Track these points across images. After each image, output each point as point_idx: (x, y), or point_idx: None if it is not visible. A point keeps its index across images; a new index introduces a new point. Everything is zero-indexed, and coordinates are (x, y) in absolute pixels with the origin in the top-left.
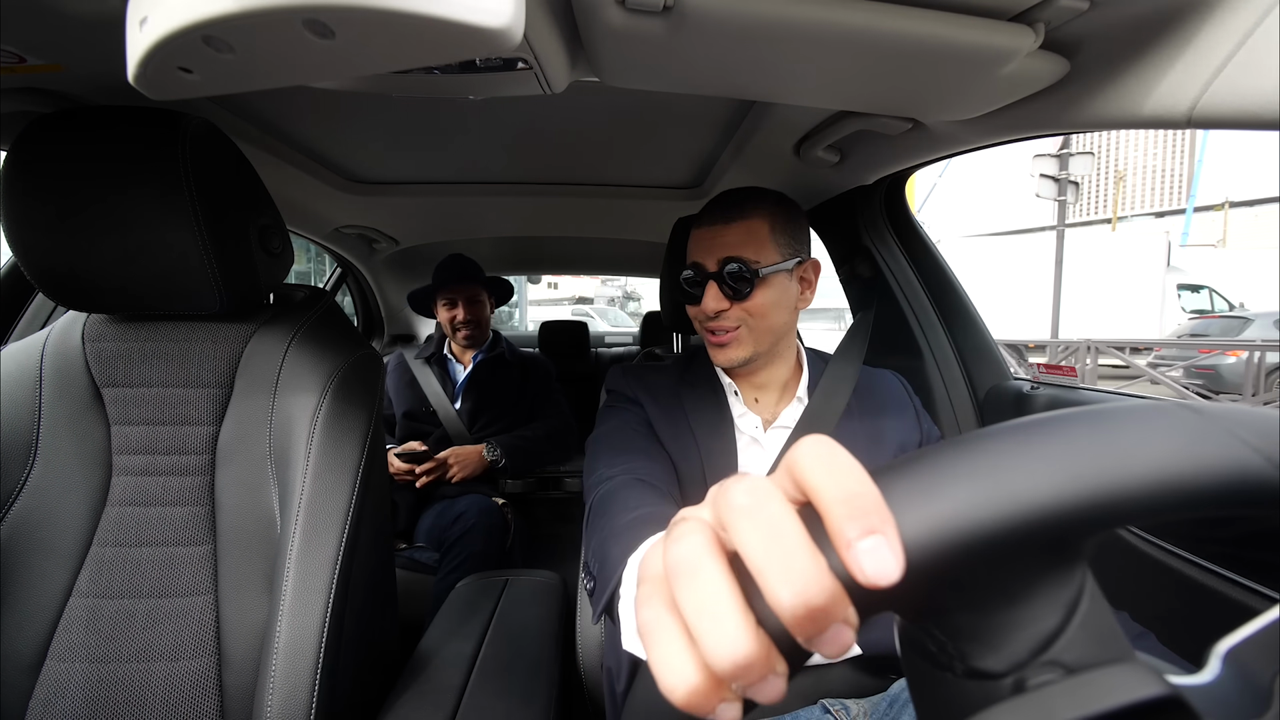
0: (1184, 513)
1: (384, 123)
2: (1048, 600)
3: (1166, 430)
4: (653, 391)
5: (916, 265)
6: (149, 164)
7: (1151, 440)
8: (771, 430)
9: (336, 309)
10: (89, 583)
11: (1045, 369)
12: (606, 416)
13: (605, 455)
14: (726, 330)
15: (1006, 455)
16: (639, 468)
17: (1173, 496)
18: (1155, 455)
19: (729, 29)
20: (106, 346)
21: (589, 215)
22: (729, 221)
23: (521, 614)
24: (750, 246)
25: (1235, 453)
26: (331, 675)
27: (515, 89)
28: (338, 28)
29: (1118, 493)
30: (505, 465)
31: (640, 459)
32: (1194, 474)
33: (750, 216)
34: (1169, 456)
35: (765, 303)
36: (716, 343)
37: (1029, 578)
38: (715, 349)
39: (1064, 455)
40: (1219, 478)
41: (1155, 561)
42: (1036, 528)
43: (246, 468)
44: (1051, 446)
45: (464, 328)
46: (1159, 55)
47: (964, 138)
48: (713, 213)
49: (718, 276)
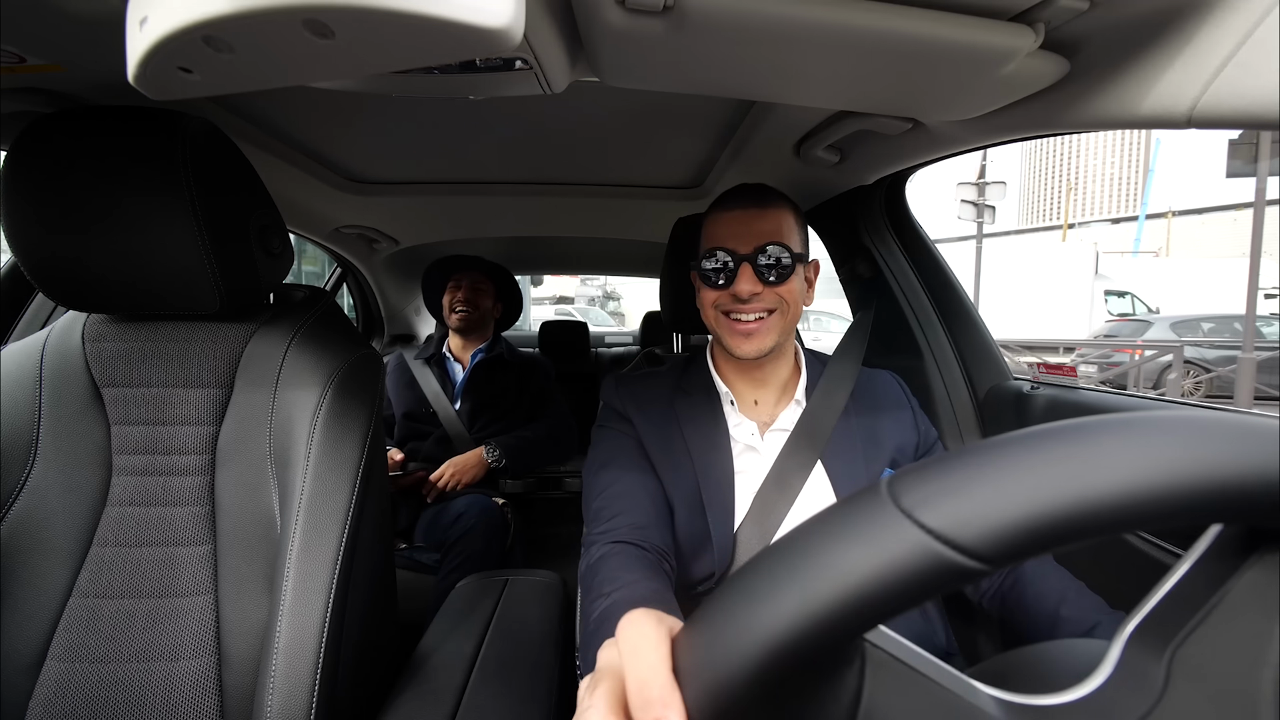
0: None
1: (384, 123)
2: (832, 712)
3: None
4: (646, 405)
5: (916, 265)
6: (149, 164)
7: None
8: (769, 434)
9: (336, 309)
10: (89, 583)
11: (1045, 369)
12: (599, 440)
13: (597, 496)
14: (759, 317)
15: (758, 603)
16: (628, 516)
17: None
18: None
19: (729, 29)
20: (106, 346)
21: (589, 215)
22: (764, 207)
23: (521, 614)
24: (784, 234)
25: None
26: (331, 675)
27: (515, 89)
28: (338, 28)
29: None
30: (505, 465)
31: (629, 504)
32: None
33: (781, 206)
34: (867, 571)
35: (796, 290)
36: (745, 330)
37: (806, 696)
38: (740, 339)
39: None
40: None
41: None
42: (788, 661)
43: (246, 468)
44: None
45: (462, 306)
46: (1159, 55)
47: (964, 138)
48: (741, 199)
49: (752, 259)
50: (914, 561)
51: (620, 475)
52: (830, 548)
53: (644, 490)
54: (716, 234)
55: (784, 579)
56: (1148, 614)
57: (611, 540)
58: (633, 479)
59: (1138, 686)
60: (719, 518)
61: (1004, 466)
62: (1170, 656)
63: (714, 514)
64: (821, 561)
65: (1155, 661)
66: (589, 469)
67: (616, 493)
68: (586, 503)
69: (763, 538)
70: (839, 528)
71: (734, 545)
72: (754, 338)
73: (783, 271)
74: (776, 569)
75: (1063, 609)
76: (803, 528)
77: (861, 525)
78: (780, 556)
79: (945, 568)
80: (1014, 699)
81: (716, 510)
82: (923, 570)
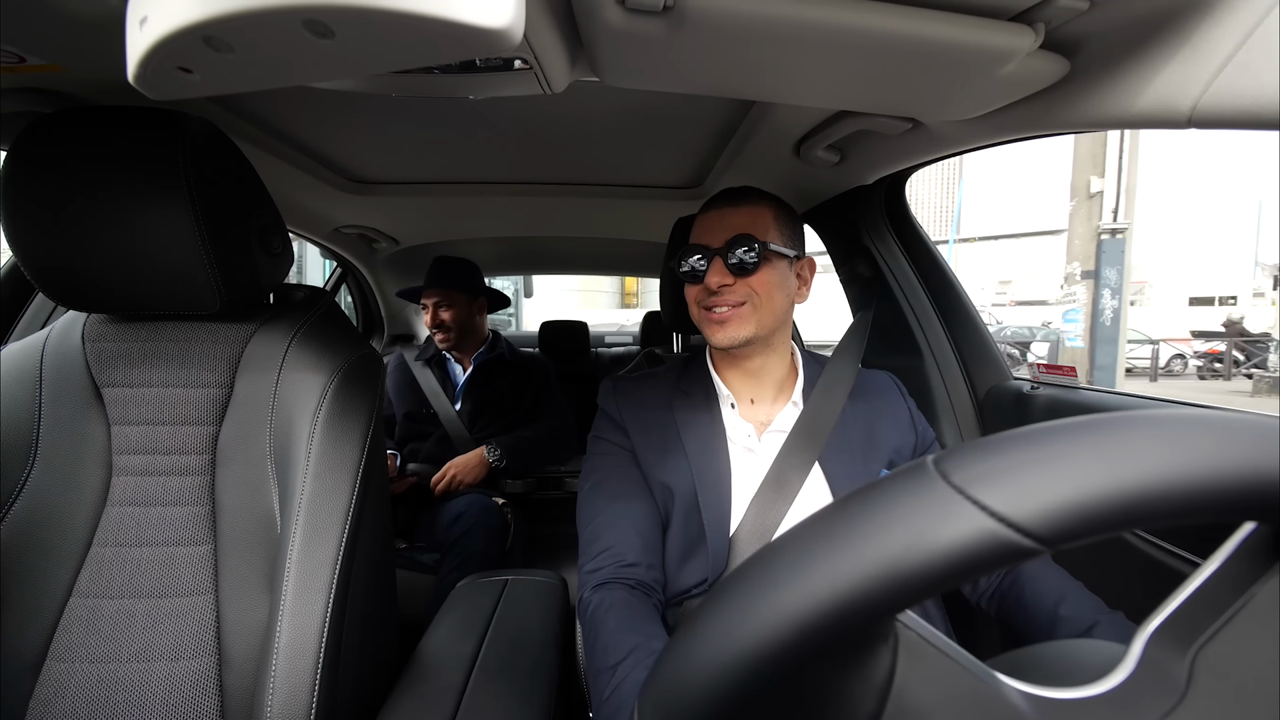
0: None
1: (384, 123)
2: (860, 691)
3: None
4: (642, 411)
5: (916, 265)
6: (149, 164)
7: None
8: (766, 435)
9: (336, 309)
10: (89, 583)
11: (1045, 369)
12: (593, 453)
13: (589, 523)
14: (730, 306)
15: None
16: (615, 552)
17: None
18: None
19: (729, 29)
20: (106, 346)
21: (588, 215)
22: (736, 205)
23: (521, 614)
24: (756, 227)
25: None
26: (332, 675)
27: (515, 89)
28: (338, 28)
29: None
30: (506, 465)
31: (618, 536)
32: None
33: (755, 203)
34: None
35: (770, 281)
36: (717, 320)
37: (840, 672)
38: (715, 327)
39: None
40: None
41: (1151, 559)
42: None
43: (247, 468)
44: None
45: (437, 330)
46: (1159, 55)
47: (964, 138)
48: (718, 201)
49: (723, 253)
50: (968, 538)
51: (609, 505)
52: (874, 521)
53: (632, 519)
54: (694, 234)
55: (822, 551)
56: (1171, 614)
57: (599, 583)
58: (620, 508)
59: (1160, 684)
60: (715, 520)
61: (1058, 449)
62: (1193, 656)
63: (710, 517)
64: (864, 535)
65: (1178, 660)
66: (583, 483)
67: (605, 523)
68: (580, 524)
69: (760, 541)
70: (882, 503)
71: (729, 550)
72: (726, 326)
73: (749, 264)
74: (815, 543)
75: (1061, 608)
76: (841, 503)
77: (908, 501)
78: (820, 529)
79: (1000, 545)
80: (1039, 692)
81: (712, 513)
82: (975, 547)
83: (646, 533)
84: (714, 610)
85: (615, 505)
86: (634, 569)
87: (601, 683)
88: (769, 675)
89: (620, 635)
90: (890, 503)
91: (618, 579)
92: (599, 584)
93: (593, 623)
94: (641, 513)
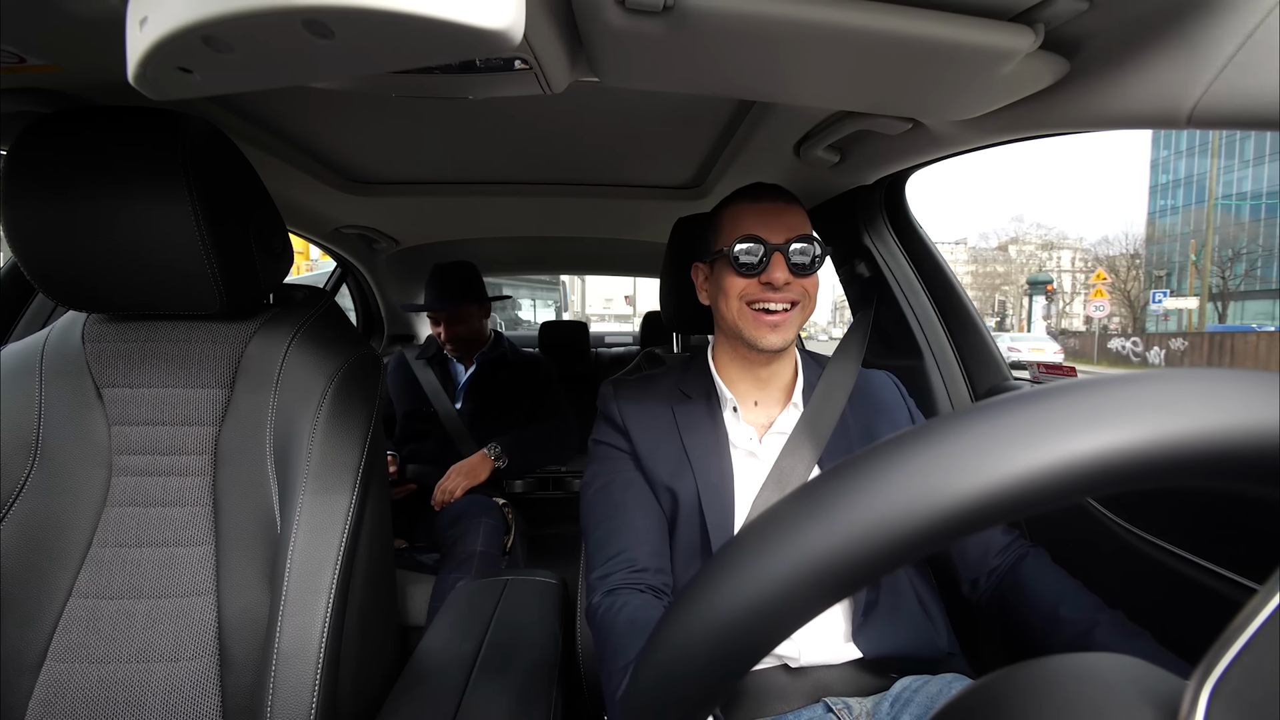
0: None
1: (384, 123)
2: None
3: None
4: (643, 414)
5: (916, 265)
6: (149, 164)
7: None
8: (768, 437)
9: (336, 309)
10: (89, 583)
11: (1044, 369)
12: (595, 458)
13: (595, 527)
14: (785, 308)
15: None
16: (625, 557)
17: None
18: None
19: (729, 29)
20: (107, 346)
21: (589, 215)
22: (789, 203)
23: (521, 614)
24: (808, 229)
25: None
26: (332, 675)
27: (515, 89)
28: (338, 28)
29: None
30: (508, 465)
31: (628, 540)
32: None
33: (797, 206)
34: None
35: (817, 286)
36: (773, 321)
37: None
38: (768, 329)
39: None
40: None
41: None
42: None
43: (247, 468)
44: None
45: (450, 344)
46: (1159, 55)
47: (964, 138)
48: (769, 192)
49: (784, 249)
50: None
51: (615, 510)
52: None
53: (639, 523)
54: (745, 223)
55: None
56: (1228, 665)
57: (610, 589)
58: (627, 513)
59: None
60: (717, 523)
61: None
62: (1210, 692)
63: (713, 521)
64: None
65: (1223, 711)
66: (586, 488)
67: (612, 528)
68: (586, 530)
69: None
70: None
71: None
72: (780, 329)
73: (811, 265)
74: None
75: (1061, 608)
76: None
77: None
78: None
79: None
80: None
81: (715, 515)
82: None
83: (654, 537)
84: (704, 582)
85: (621, 510)
86: (644, 574)
87: (614, 683)
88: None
89: (632, 636)
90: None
91: (628, 584)
92: (610, 590)
93: (603, 625)
94: (648, 517)
